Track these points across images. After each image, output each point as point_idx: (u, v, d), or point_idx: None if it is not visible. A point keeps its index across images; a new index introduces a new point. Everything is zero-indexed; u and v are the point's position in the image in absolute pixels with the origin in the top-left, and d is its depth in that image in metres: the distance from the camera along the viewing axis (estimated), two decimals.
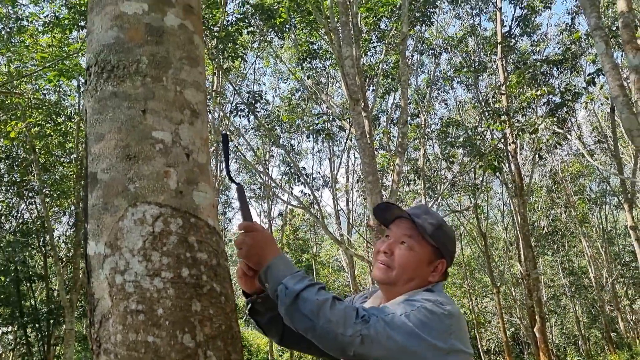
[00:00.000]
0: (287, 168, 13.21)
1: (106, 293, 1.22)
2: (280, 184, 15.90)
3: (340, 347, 1.43)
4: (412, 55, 16.66)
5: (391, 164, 12.09)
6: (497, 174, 14.82)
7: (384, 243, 1.70)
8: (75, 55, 10.53)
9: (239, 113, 9.58)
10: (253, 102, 9.38)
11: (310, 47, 11.84)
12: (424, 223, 1.66)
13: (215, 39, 9.05)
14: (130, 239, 1.22)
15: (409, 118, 19.77)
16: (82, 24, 10.55)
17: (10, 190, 15.94)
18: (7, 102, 11.91)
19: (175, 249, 1.23)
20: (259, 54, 18.49)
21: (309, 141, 23.20)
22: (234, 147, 14.08)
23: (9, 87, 11.09)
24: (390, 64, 15.00)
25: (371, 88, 15.05)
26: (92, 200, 1.29)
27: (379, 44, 13.51)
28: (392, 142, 17.31)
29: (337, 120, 11.99)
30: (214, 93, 10.64)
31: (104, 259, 1.24)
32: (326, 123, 10.68)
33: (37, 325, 14.44)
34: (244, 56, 11.05)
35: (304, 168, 12.77)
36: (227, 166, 1.64)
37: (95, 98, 1.33)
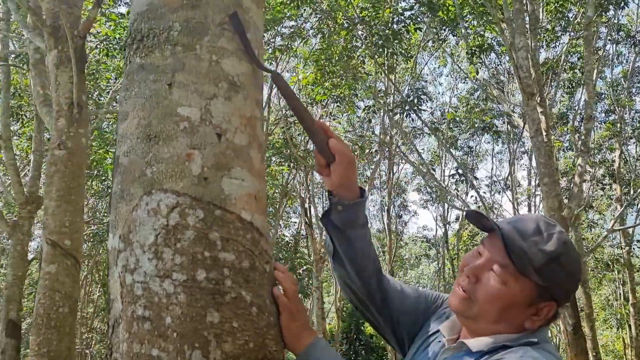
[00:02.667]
0: (458, 171, 12.52)
1: (118, 294, 1.06)
2: (456, 188, 15.22)
3: None
4: (605, 45, 14.84)
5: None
6: None
7: (472, 259, 1.23)
8: None
9: (402, 111, 9.25)
10: (416, 100, 8.99)
11: (482, 39, 11.08)
12: (531, 249, 1.14)
13: (380, 38, 8.85)
14: (142, 232, 1.04)
15: (603, 115, 17.68)
16: None
17: None
18: None
19: (191, 246, 1.03)
20: (433, 53, 17.99)
21: (488, 142, 21.92)
22: (407, 149, 13.77)
23: None
24: (579, 55, 13.51)
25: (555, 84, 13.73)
26: (114, 187, 1.14)
27: (563, 34, 12.23)
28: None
29: (513, 117, 11.06)
30: (379, 93, 10.50)
31: (117, 254, 1.07)
32: (498, 119, 9.87)
33: None
34: (407, 55, 10.68)
35: (473, 170, 12.00)
36: (249, 50, 1.20)
37: (125, 73, 1.19)
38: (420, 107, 9.50)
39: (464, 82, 20.97)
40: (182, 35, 1.14)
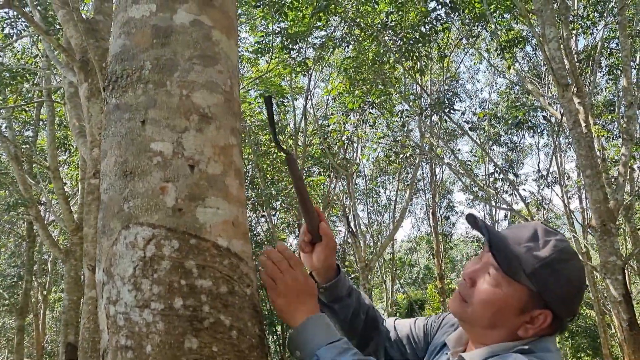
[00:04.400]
0: (496, 170, 12.26)
1: (105, 325, 1.11)
2: (496, 188, 14.90)
3: None
4: None
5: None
6: None
7: (472, 264, 1.25)
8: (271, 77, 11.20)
9: (433, 113, 9.16)
10: (444, 101, 8.88)
11: (512, 33, 10.86)
12: (524, 254, 1.14)
13: (406, 42, 8.82)
14: (122, 265, 1.10)
15: None
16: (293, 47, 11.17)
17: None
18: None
19: (167, 276, 1.07)
20: (468, 50, 17.75)
21: (532, 136, 21.41)
22: (442, 151, 13.61)
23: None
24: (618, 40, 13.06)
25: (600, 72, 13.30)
26: (98, 223, 1.20)
27: (600, 19, 11.89)
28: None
29: (548, 110, 10.78)
30: (411, 97, 10.45)
31: (102, 287, 1.13)
32: (541, 112, 9.63)
33: (274, 329, 15.72)
34: (441, 54, 10.61)
35: (513, 167, 11.73)
36: (274, 133, 1.38)
37: (104, 114, 1.25)
38: (452, 107, 9.39)
39: (503, 77, 20.55)
40: (153, 73, 1.19)
